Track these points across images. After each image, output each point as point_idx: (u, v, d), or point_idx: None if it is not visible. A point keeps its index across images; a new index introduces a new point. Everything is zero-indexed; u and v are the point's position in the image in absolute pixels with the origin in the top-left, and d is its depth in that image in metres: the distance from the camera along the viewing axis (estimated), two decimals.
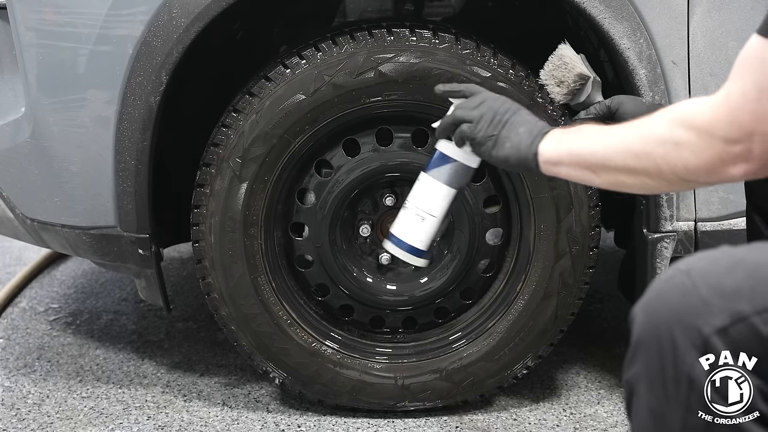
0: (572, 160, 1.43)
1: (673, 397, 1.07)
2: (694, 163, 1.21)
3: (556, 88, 1.87)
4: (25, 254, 3.33)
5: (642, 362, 1.10)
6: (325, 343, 2.10)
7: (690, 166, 1.22)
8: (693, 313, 1.06)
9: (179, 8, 1.87)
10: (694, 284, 1.07)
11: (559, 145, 1.46)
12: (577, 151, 1.41)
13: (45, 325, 2.69)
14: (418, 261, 1.82)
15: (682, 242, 1.97)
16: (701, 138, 1.20)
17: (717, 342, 1.04)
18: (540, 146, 1.50)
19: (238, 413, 2.16)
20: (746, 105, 1.15)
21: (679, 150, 1.22)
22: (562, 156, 1.45)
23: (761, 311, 1.04)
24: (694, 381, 1.05)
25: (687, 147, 1.21)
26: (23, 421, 2.14)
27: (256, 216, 2.00)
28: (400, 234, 1.79)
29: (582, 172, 1.41)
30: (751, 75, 1.15)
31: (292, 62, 1.94)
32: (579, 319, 2.13)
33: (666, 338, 1.07)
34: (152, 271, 2.05)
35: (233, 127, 1.95)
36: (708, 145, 1.19)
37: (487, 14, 2.38)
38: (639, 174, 1.30)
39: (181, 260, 3.20)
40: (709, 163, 1.20)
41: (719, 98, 1.18)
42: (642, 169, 1.29)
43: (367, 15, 2.34)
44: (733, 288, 1.05)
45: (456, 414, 2.15)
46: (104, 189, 1.98)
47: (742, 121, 1.16)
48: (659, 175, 1.27)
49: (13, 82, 2.04)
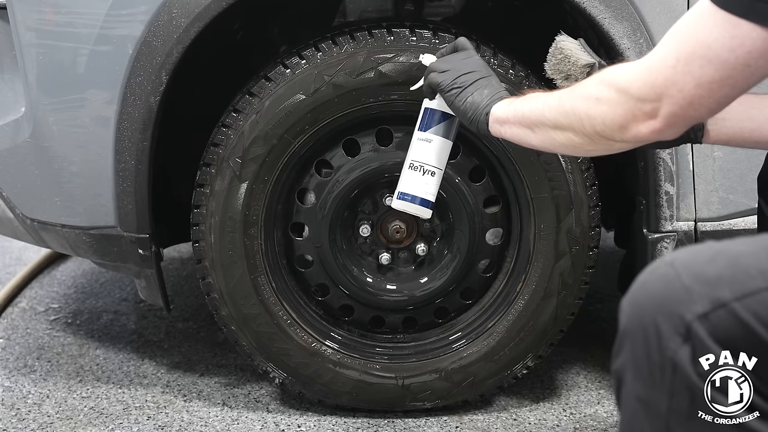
0: (516, 119, 1.53)
1: (659, 383, 1.09)
2: (610, 118, 1.32)
3: (564, 82, 1.85)
4: (25, 254, 3.33)
5: (628, 351, 1.12)
6: (325, 343, 2.10)
7: (606, 121, 1.32)
8: (676, 300, 1.08)
9: (179, 8, 1.87)
10: (676, 273, 1.09)
11: (509, 106, 1.57)
12: (521, 110, 1.52)
13: (45, 325, 2.69)
14: (428, 213, 1.85)
15: (682, 242, 1.97)
16: (619, 95, 1.30)
17: (699, 328, 1.06)
18: (493, 107, 1.59)
19: (238, 413, 2.17)
20: (662, 70, 1.24)
21: (599, 105, 1.33)
22: (508, 115, 1.56)
23: (741, 297, 1.06)
24: (677, 366, 1.07)
25: (606, 102, 1.32)
26: (23, 421, 2.14)
27: (256, 216, 2.00)
28: (411, 190, 1.83)
29: (522, 130, 1.52)
30: (675, 42, 1.24)
31: (292, 62, 1.94)
32: (579, 319, 2.13)
33: (650, 326, 1.09)
34: (152, 271, 2.05)
35: (233, 127, 1.95)
36: (623, 101, 1.29)
37: (487, 14, 2.38)
38: (566, 129, 1.41)
39: (181, 260, 3.20)
40: (622, 117, 1.30)
41: (642, 61, 1.28)
42: (568, 125, 1.40)
43: (367, 15, 2.34)
44: (715, 276, 1.07)
45: (456, 414, 2.15)
46: (104, 189, 1.98)
47: (655, 83, 1.25)
48: (582, 129, 1.38)
49: (13, 82, 2.04)
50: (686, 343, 1.06)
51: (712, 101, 1.24)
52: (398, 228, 2.09)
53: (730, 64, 1.19)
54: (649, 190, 1.98)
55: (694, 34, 1.22)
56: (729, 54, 1.19)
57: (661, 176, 1.95)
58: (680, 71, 1.22)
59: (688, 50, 1.22)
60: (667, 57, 1.24)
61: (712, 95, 1.23)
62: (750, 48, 1.18)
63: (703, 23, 1.21)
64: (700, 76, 1.21)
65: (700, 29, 1.21)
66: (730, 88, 1.23)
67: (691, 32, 1.23)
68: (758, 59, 1.19)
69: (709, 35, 1.20)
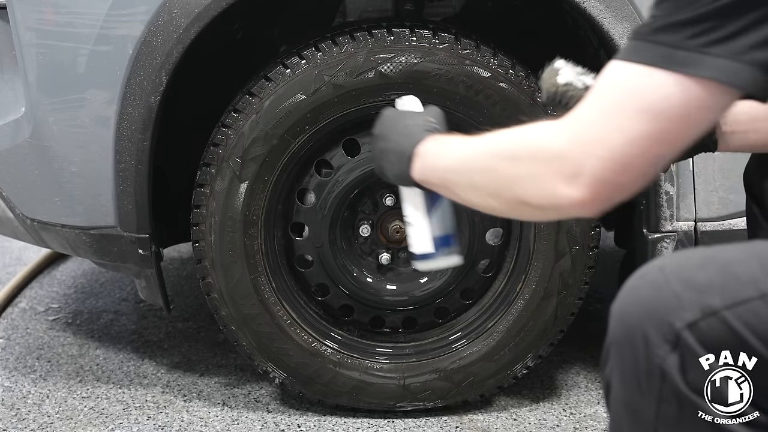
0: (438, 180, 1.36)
1: (646, 390, 1.08)
2: (529, 179, 1.15)
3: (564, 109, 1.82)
4: (25, 254, 3.33)
5: (616, 357, 1.11)
6: (325, 343, 2.10)
7: (526, 182, 1.16)
8: (665, 307, 1.06)
9: (179, 8, 1.87)
10: (666, 279, 1.08)
11: (424, 166, 1.38)
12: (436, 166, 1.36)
13: (45, 325, 2.69)
14: (429, 264, 1.65)
15: (682, 242, 1.97)
16: (538, 153, 1.14)
17: (688, 336, 1.05)
18: (413, 171, 1.41)
19: (238, 413, 2.16)
20: (587, 124, 1.10)
21: (517, 165, 1.17)
22: (428, 177, 1.38)
23: (731, 306, 1.04)
24: (666, 373, 1.06)
25: (524, 162, 1.16)
26: (23, 421, 2.14)
27: (256, 216, 2.00)
28: (411, 248, 1.66)
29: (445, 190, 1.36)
30: (598, 98, 1.10)
31: (292, 62, 1.94)
32: (579, 319, 2.13)
33: (638, 332, 1.08)
34: (152, 271, 2.05)
35: (233, 127, 1.95)
36: (541, 161, 1.13)
37: (487, 14, 2.38)
38: (482, 192, 1.25)
39: (181, 260, 3.20)
40: (539, 180, 1.14)
41: (568, 118, 1.12)
42: (485, 186, 1.24)
43: (367, 15, 2.34)
44: (705, 283, 1.06)
45: (456, 414, 2.15)
46: (104, 189, 1.98)
47: (579, 140, 1.10)
48: (498, 192, 1.22)
49: (13, 82, 2.04)
50: (675, 350, 1.05)
51: (643, 163, 1.09)
52: (398, 228, 2.09)
53: (663, 116, 1.06)
54: (649, 189, 1.98)
55: (619, 88, 1.09)
56: (661, 104, 1.06)
57: (661, 176, 1.95)
58: (609, 126, 1.08)
59: (616, 102, 1.08)
60: (590, 113, 1.10)
61: (644, 154, 1.08)
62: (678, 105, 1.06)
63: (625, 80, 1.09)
64: (630, 129, 1.07)
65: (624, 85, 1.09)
66: (662, 146, 1.09)
67: (616, 88, 1.10)
68: (693, 114, 1.07)
69: (636, 89, 1.07)
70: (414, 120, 1.50)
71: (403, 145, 1.43)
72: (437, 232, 1.59)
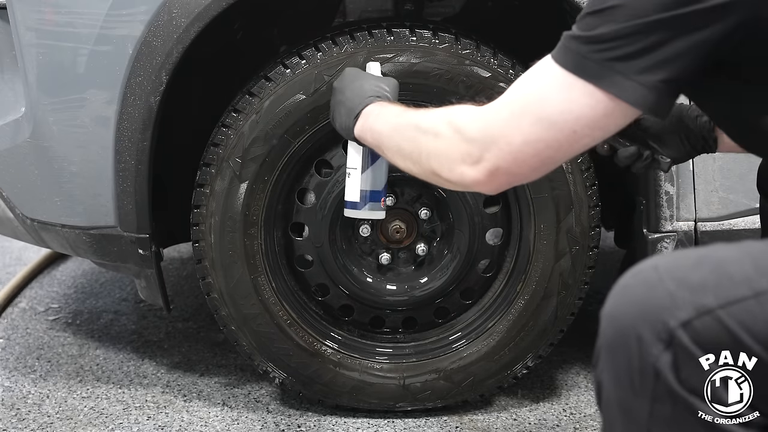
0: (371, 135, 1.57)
1: (639, 389, 1.08)
2: (444, 155, 1.34)
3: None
4: (25, 254, 3.33)
5: (608, 356, 1.11)
6: (325, 343, 2.10)
7: (441, 158, 1.35)
8: (659, 306, 1.07)
9: (179, 8, 1.87)
10: (660, 278, 1.08)
11: (364, 125, 1.60)
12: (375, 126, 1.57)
13: (45, 325, 2.69)
14: (354, 213, 1.87)
15: (682, 242, 1.97)
16: (455, 134, 1.32)
17: (682, 335, 1.05)
18: (355, 127, 1.63)
19: (238, 413, 2.17)
20: (496, 120, 1.27)
21: (437, 140, 1.35)
22: (366, 135, 1.59)
23: (725, 305, 1.05)
24: (660, 373, 1.06)
25: (443, 139, 1.34)
26: (23, 421, 2.14)
27: (256, 216, 2.00)
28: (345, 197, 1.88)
29: (378, 150, 1.56)
30: (512, 95, 1.27)
31: (292, 62, 1.94)
32: (579, 319, 2.13)
33: (631, 331, 1.08)
34: (152, 271, 2.05)
35: (233, 127, 1.95)
36: (456, 141, 1.32)
37: (487, 14, 2.38)
38: (406, 158, 1.43)
39: (181, 260, 3.21)
40: (451, 158, 1.33)
41: (486, 108, 1.30)
42: (409, 153, 1.42)
43: (367, 15, 2.34)
44: (699, 282, 1.07)
45: (456, 414, 2.15)
46: (104, 189, 1.98)
47: (488, 132, 1.27)
48: (419, 161, 1.40)
49: (13, 82, 2.04)
50: (668, 349, 1.05)
51: (536, 161, 1.26)
52: (398, 228, 2.09)
53: (557, 127, 1.21)
54: (649, 189, 1.98)
55: (532, 88, 1.25)
56: (558, 116, 1.21)
57: (661, 176, 1.95)
58: (512, 125, 1.24)
59: (522, 105, 1.24)
60: (501, 108, 1.27)
61: (538, 155, 1.25)
62: (578, 114, 1.20)
63: (542, 78, 1.24)
64: (528, 133, 1.23)
65: (538, 85, 1.24)
66: (554, 151, 1.24)
67: (530, 86, 1.25)
68: (584, 127, 1.21)
69: (544, 92, 1.23)
70: (369, 83, 1.72)
71: (354, 102, 1.66)
72: (368, 187, 1.84)
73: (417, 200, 2.10)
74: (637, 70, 1.16)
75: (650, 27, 1.14)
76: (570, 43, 1.21)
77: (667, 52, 1.15)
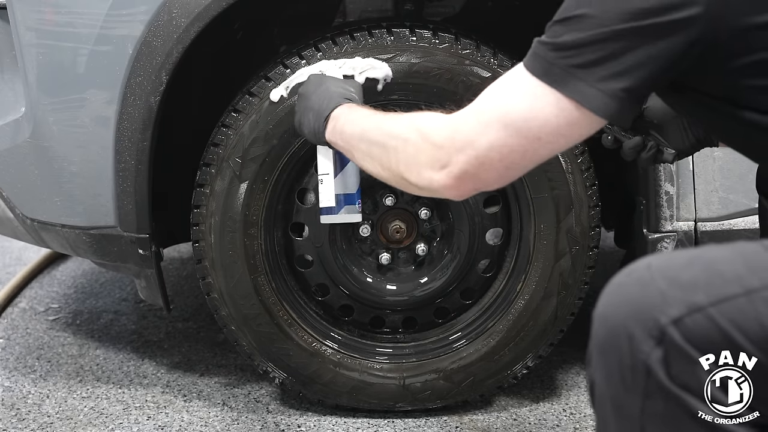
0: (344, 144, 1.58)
1: (631, 386, 1.09)
2: (413, 161, 1.36)
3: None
4: (25, 254, 3.33)
5: (600, 354, 1.12)
6: (325, 343, 2.10)
7: (409, 163, 1.37)
8: (650, 304, 1.08)
9: (179, 8, 1.87)
10: (652, 277, 1.10)
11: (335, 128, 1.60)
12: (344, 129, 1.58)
13: (45, 325, 2.69)
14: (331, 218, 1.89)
15: (682, 242, 1.97)
16: (423, 140, 1.35)
17: (673, 332, 1.06)
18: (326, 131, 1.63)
19: (238, 413, 2.17)
20: (464, 126, 1.30)
21: (407, 145, 1.38)
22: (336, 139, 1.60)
23: (716, 302, 1.06)
24: (651, 369, 1.07)
25: (411, 145, 1.37)
26: (23, 421, 2.14)
27: (256, 216, 2.00)
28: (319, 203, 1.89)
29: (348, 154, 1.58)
30: (481, 102, 1.30)
31: (292, 62, 1.94)
32: (579, 319, 2.13)
33: (623, 329, 1.09)
34: (152, 271, 2.05)
35: (233, 127, 1.95)
36: (424, 147, 1.34)
37: (487, 14, 2.38)
38: (375, 160, 1.46)
39: (181, 260, 3.21)
40: (419, 163, 1.35)
41: (456, 113, 1.33)
42: (378, 157, 1.45)
43: (367, 15, 2.34)
44: (690, 280, 1.08)
45: (456, 414, 2.15)
46: (104, 189, 1.98)
47: (455, 137, 1.30)
48: (388, 165, 1.42)
49: (13, 82, 2.04)
50: (659, 346, 1.06)
51: (502, 166, 1.29)
52: (398, 228, 2.09)
53: (522, 133, 1.25)
54: (649, 189, 1.98)
55: (501, 93, 1.28)
56: (523, 123, 1.24)
57: (661, 176, 1.95)
58: (479, 130, 1.28)
59: (490, 110, 1.28)
60: (470, 117, 1.30)
61: (503, 160, 1.28)
62: (543, 120, 1.23)
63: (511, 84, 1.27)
64: (495, 138, 1.26)
65: (507, 90, 1.27)
66: (520, 157, 1.28)
67: (499, 92, 1.28)
68: (549, 134, 1.24)
69: (512, 98, 1.26)
70: (335, 85, 1.72)
71: (322, 105, 1.66)
72: (341, 190, 1.85)
73: (417, 200, 2.10)
74: (598, 78, 1.19)
75: (611, 36, 1.18)
76: (539, 50, 1.24)
77: (627, 62, 1.18)
